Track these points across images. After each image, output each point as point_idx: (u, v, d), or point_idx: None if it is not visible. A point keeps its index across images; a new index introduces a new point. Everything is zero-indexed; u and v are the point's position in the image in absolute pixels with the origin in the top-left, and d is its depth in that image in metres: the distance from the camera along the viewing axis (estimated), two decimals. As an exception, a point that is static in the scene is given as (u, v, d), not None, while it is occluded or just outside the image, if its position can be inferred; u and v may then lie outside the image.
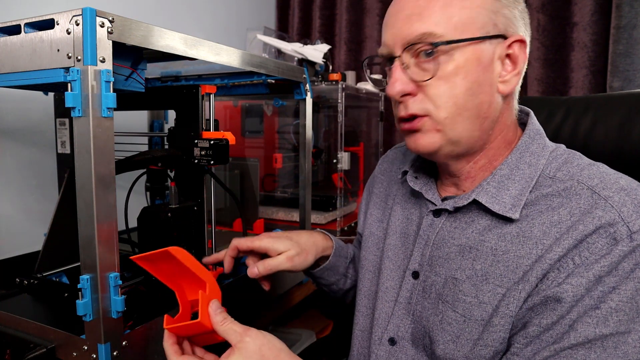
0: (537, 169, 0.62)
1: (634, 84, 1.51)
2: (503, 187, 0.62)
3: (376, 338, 0.71)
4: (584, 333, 0.52)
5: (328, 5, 2.18)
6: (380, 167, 0.87)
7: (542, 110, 0.90)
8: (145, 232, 0.82)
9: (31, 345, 0.62)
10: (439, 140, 0.62)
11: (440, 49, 0.59)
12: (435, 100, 0.60)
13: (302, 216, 1.09)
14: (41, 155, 1.13)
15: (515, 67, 0.62)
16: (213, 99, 0.82)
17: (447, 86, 0.60)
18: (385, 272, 0.73)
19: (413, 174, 0.73)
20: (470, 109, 0.60)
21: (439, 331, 0.62)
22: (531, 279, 0.56)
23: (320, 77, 1.52)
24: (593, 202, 0.56)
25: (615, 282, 0.52)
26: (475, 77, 0.60)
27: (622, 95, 0.84)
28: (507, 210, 0.60)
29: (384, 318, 0.71)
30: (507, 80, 0.62)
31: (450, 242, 0.65)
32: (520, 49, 0.62)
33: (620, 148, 0.79)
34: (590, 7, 1.59)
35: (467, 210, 0.65)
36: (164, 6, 1.56)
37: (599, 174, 0.59)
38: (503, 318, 0.58)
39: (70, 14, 0.55)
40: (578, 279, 0.53)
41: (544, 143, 0.65)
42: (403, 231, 0.73)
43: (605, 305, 0.52)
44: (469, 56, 0.59)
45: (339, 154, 1.50)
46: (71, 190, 0.59)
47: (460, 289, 0.61)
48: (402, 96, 0.62)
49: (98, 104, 0.55)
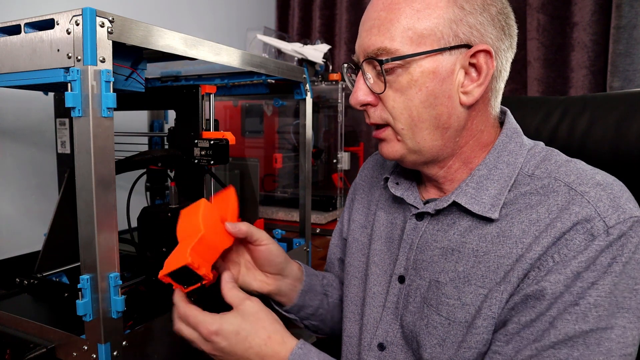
0: (516, 167, 0.62)
1: (634, 83, 1.51)
2: (482, 188, 0.62)
3: (365, 344, 0.71)
4: (564, 330, 0.52)
5: (328, 5, 2.18)
6: (361, 174, 0.88)
7: (539, 110, 0.90)
8: (146, 232, 0.82)
9: (31, 345, 0.62)
10: (400, 150, 0.63)
11: (396, 62, 0.59)
12: (391, 112, 0.61)
13: (302, 216, 1.09)
14: (41, 155, 1.13)
15: (479, 77, 0.60)
16: (213, 99, 0.82)
17: (402, 98, 0.60)
18: (372, 278, 0.73)
19: (394, 180, 0.73)
20: (427, 120, 0.60)
21: (426, 335, 0.62)
22: (512, 280, 0.56)
23: (320, 77, 1.52)
24: (570, 198, 0.56)
25: (593, 278, 0.52)
26: (432, 90, 0.59)
27: (619, 95, 0.84)
28: (487, 210, 0.60)
29: (372, 324, 0.70)
30: (468, 92, 0.60)
31: (433, 245, 0.65)
32: (485, 59, 0.59)
33: (617, 147, 0.79)
34: (590, 7, 1.59)
35: (448, 212, 0.65)
36: (164, 6, 1.56)
37: (575, 170, 0.59)
38: (486, 320, 0.57)
39: (70, 14, 0.55)
40: (557, 275, 0.53)
41: (521, 141, 0.65)
42: (388, 236, 0.73)
43: (584, 302, 0.52)
44: (425, 69, 0.58)
45: (339, 154, 1.50)
46: (71, 190, 0.59)
47: (443, 292, 0.61)
48: (363, 106, 0.64)
49: (98, 104, 0.55)
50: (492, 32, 0.60)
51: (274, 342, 0.61)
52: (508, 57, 0.63)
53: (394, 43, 0.58)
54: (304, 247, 1.08)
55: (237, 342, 0.59)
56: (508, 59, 0.63)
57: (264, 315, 0.62)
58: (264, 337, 0.60)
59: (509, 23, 0.62)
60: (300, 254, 1.07)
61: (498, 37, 0.60)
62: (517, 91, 1.77)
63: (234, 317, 0.60)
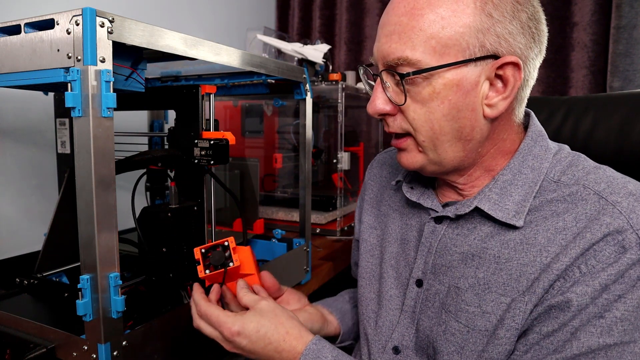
0: (541, 172, 0.60)
1: (634, 84, 1.50)
2: (506, 193, 0.60)
3: (380, 346, 0.70)
4: (587, 343, 0.51)
5: (328, 5, 2.18)
6: (370, 173, 0.86)
7: (542, 111, 0.90)
8: (145, 232, 0.82)
9: (31, 345, 0.62)
10: (421, 160, 0.61)
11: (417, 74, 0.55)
12: (412, 123, 0.59)
13: (302, 216, 1.09)
14: (41, 155, 1.13)
15: (505, 89, 0.56)
16: (213, 99, 0.82)
17: (423, 110, 0.57)
18: (389, 280, 0.71)
19: (408, 184, 0.71)
20: (449, 133, 0.58)
21: (443, 342, 0.61)
22: (537, 290, 0.54)
23: (320, 77, 1.52)
24: (600, 208, 0.54)
25: (621, 291, 0.50)
26: (454, 102, 0.56)
27: (622, 96, 0.84)
28: (511, 217, 0.58)
29: (388, 326, 0.69)
30: (493, 105, 0.57)
31: (452, 249, 0.63)
32: (513, 71, 0.55)
33: (620, 148, 0.79)
34: (590, 7, 1.59)
35: (470, 217, 0.63)
36: (165, 6, 1.56)
37: (605, 178, 0.56)
38: (509, 331, 0.56)
39: (70, 14, 0.55)
40: (583, 287, 0.51)
41: (546, 145, 0.62)
42: (402, 238, 0.72)
43: (610, 315, 0.50)
44: (448, 81, 0.55)
45: (339, 154, 1.50)
46: (71, 190, 0.59)
47: (462, 299, 0.60)
48: (382, 115, 0.61)
49: (98, 104, 0.55)
50: (521, 40, 0.56)
51: (292, 337, 0.62)
52: (536, 64, 0.59)
53: (416, 53, 0.55)
54: (304, 247, 1.07)
55: (258, 339, 0.61)
56: (536, 65, 0.60)
57: (281, 312, 0.64)
58: (283, 333, 0.62)
59: (539, 29, 0.58)
60: (300, 254, 1.07)
61: (527, 46, 0.56)
62: (517, 91, 1.76)
63: (253, 315, 0.62)
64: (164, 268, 0.79)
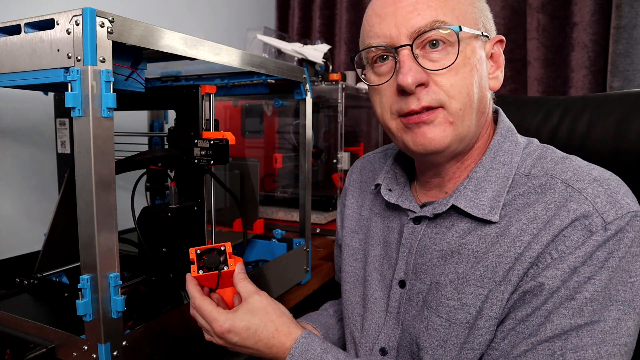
0: (512, 167, 0.62)
1: (634, 84, 1.50)
2: (480, 190, 0.62)
3: (367, 349, 0.71)
4: (560, 325, 0.52)
5: (328, 5, 2.18)
6: (350, 179, 0.87)
7: (539, 111, 0.90)
8: (145, 232, 0.82)
9: (31, 345, 0.62)
10: (450, 135, 0.59)
11: (447, 41, 0.58)
12: (449, 91, 0.58)
13: (302, 216, 1.09)
14: (41, 155, 1.13)
15: (498, 65, 0.65)
16: (213, 99, 0.82)
17: (458, 77, 0.58)
18: (373, 283, 0.72)
19: (386, 187, 0.72)
20: (476, 102, 0.60)
21: (426, 337, 0.62)
22: (513, 279, 0.56)
23: (320, 77, 1.52)
24: (567, 195, 0.56)
25: (590, 272, 0.52)
26: (479, 71, 0.60)
27: (619, 95, 0.84)
28: (487, 213, 0.60)
29: (374, 329, 0.70)
30: (495, 77, 0.64)
31: (432, 248, 0.64)
32: (500, 48, 0.65)
33: (617, 147, 0.79)
34: (590, 7, 1.59)
35: (447, 215, 0.64)
36: (164, 6, 1.56)
37: (572, 167, 0.59)
38: (488, 320, 0.57)
39: (70, 14, 0.55)
40: (554, 271, 0.53)
41: (516, 140, 0.65)
42: (385, 240, 0.73)
43: (580, 296, 0.52)
44: (471, 50, 0.60)
45: (339, 154, 1.50)
46: (71, 190, 0.59)
47: (442, 293, 0.61)
48: (418, 85, 0.58)
49: (98, 104, 0.55)
50: (493, 25, 0.65)
51: (281, 334, 0.63)
52: None
53: (448, 18, 0.58)
54: (304, 247, 1.07)
55: (248, 336, 0.62)
56: None
57: (272, 309, 0.64)
58: (272, 330, 0.63)
59: None
60: (300, 254, 1.07)
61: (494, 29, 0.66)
62: (517, 91, 1.77)
63: (244, 313, 0.63)
64: (164, 268, 0.79)
